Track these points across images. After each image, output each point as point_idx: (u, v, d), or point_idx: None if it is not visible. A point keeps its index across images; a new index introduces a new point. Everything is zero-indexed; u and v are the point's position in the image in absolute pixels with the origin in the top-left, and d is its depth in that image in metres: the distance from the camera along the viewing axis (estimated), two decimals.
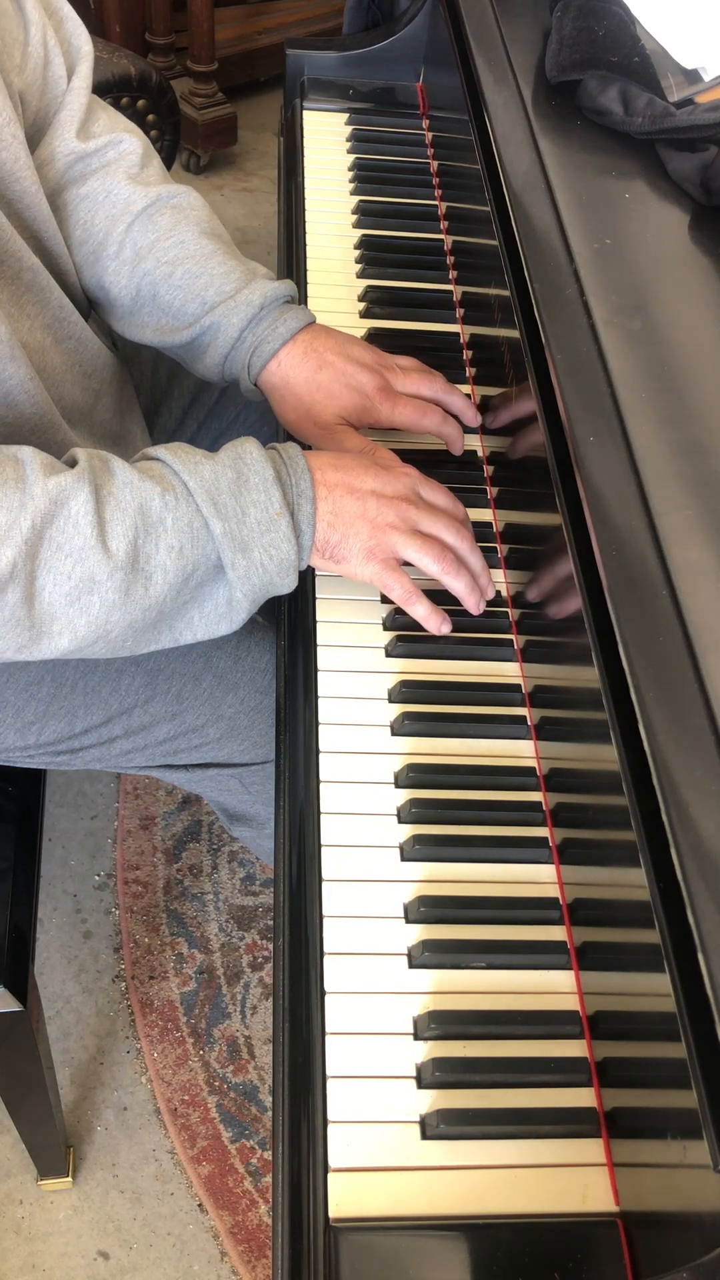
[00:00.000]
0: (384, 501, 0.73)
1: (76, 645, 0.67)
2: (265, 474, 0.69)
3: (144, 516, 0.66)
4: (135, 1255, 1.21)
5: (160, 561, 0.66)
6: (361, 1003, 0.61)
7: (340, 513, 0.72)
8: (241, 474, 0.69)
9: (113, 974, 1.40)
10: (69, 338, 0.83)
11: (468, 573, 0.76)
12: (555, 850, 0.68)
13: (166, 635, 0.71)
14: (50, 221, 0.81)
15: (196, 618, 0.71)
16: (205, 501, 0.67)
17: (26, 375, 0.74)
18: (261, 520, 0.68)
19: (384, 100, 1.23)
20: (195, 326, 0.84)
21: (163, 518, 0.66)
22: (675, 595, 0.57)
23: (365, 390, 0.83)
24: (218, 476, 0.68)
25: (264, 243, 2.36)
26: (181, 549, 0.67)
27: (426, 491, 0.76)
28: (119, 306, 0.88)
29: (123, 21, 2.40)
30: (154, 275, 0.85)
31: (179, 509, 0.67)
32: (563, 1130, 0.58)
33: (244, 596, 0.70)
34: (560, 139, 0.84)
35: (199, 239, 0.85)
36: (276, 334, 0.83)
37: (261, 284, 0.84)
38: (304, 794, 0.70)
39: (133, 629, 0.68)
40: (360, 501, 0.73)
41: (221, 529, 0.67)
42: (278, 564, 0.69)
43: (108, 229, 0.86)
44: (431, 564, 0.74)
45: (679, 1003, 0.48)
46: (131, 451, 0.92)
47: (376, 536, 0.73)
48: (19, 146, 0.76)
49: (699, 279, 0.75)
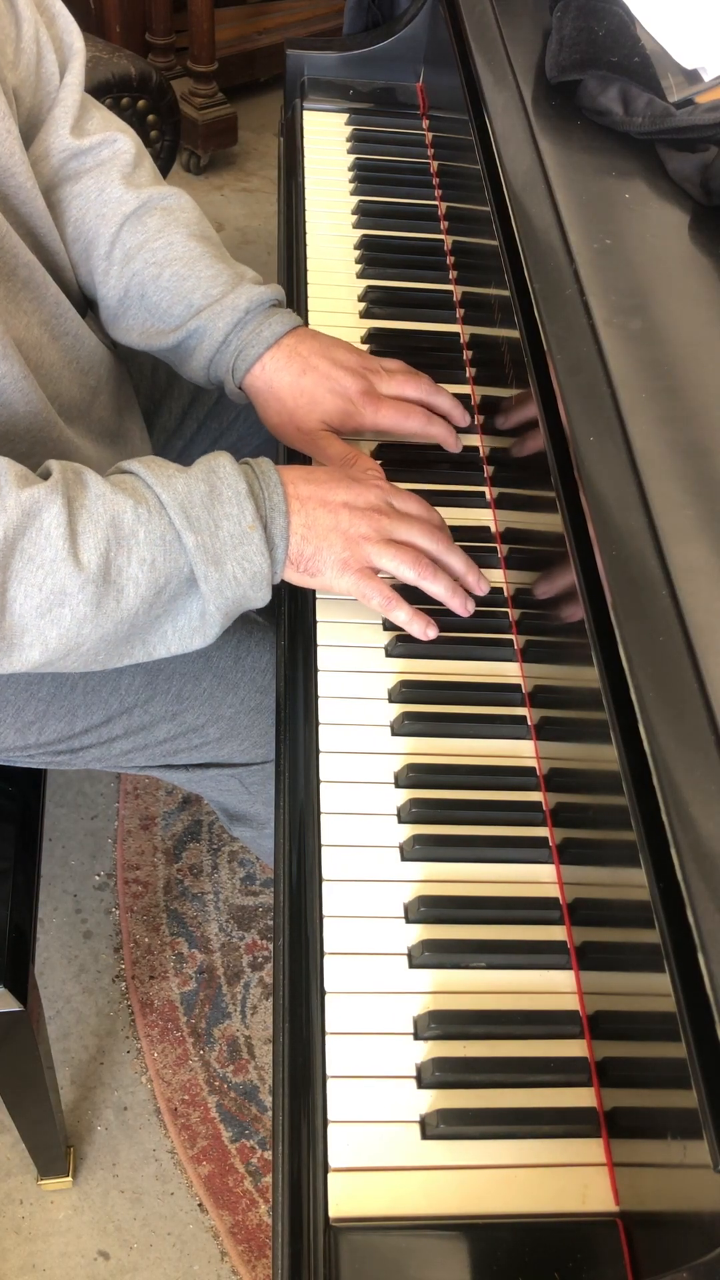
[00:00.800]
0: (356, 513, 0.73)
1: (48, 658, 0.67)
2: (238, 487, 0.69)
3: (116, 529, 0.66)
4: (135, 1255, 1.21)
5: (132, 574, 0.66)
6: (361, 1003, 0.61)
7: (314, 525, 0.72)
8: (214, 487, 0.69)
9: (113, 974, 1.41)
10: (65, 334, 0.83)
11: (445, 576, 0.76)
12: (555, 850, 0.68)
13: (140, 649, 0.71)
14: (46, 218, 0.81)
15: (170, 631, 0.70)
16: (178, 514, 0.67)
17: (20, 373, 0.74)
18: (234, 533, 0.68)
19: (384, 100, 1.23)
20: (181, 330, 0.84)
21: (135, 530, 0.66)
22: (675, 595, 0.57)
23: (349, 394, 0.83)
24: (190, 490, 0.68)
25: (264, 243, 2.36)
26: (154, 562, 0.66)
27: (398, 501, 0.76)
28: (107, 307, 0.89)
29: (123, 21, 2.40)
30: (142, 276, 0.85)
31: (151, 522, 0.67)
32: (563, 1130, 0.58)
33: (217, 610, 0.70)
34: (560, 139, 0.83)
35: (188, 241, 0.86)
36: (261, 338, 0.83)
37: (248, 288, 0.84)
38: (304, 794, 0.70)
39: (105, 642, 0.68)
40: (333, 514, 0.73)
41: (194, 542, 0.67)
42: (250, 577, 0.69)
43: (98, 228, 0.86)
44: (407, 570, 0.74)
45: (679, 1003, 0.48)
46: (130, 450, 0.92)
47: (350, 548, 0.73)
48: (14, 142, 0.76)
49: (699, 279, 0.75)
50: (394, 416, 0.84)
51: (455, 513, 0.85)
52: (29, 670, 0.68)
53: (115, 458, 0.89)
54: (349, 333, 0.97)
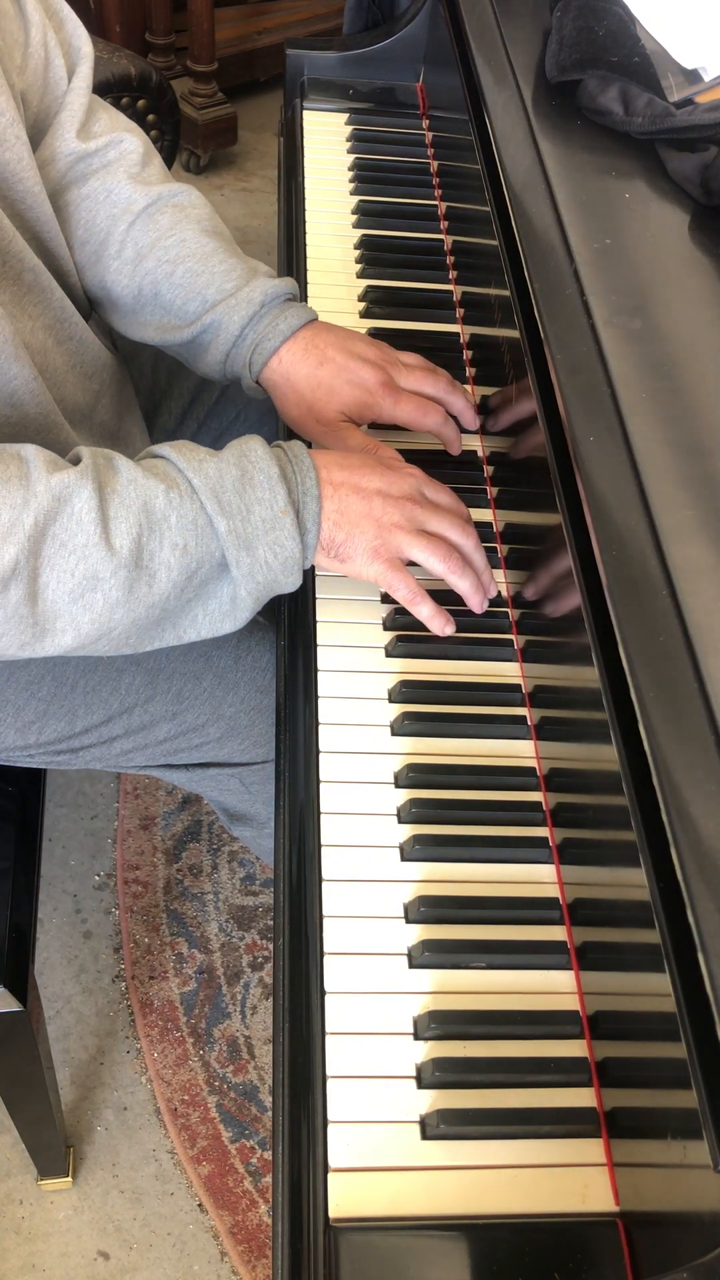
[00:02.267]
0: (389, 501, 0.73)
1: (80, 642, 0.67)
2: (270, 472, 0.69)
3: (148, 514, 0.66)
4: (135, 1255, 1.21)
5: (164, 559, 0.66)
6: (361, 1003, 0.61)
7: (346, 512, 0.72)
8: (246, 471, 0.69)
9: (113, 974, 1.41)
10: (70, 338, 0.83)
11: (473, 572, 0.76)
12: (555, 850, 0.68)
13: (170, 633, 0.71)
14: (52, 222, 0.81)
15: (200, 615, 0.70)
16: (210, 499, 0.67)
17: (30, 375, 0.74)
18: (266, 518, 0.68)
19: (384, 100, 1.23)
20: (196, 325, 0.84)
21: (167, 515, 0.66)
22: (675, 595, 0.57)
23: (367, 385, 0.83)
24: (222, 474, 0.68)
25: (264, 243, 2.36)
26: (186, 546, 0.67)
27: (430, 491, 0.76)
28: (121, 306, 0.88)
29: (123, 21, 2.40)
30: (155, 274, 0.85)
31: (183, 506, 0.67)
32: (563, 1130, 0.58)
33: (248, 594, 0.70)
34: (560, 139, 0.83)
35: (200, 237, 0.86)
36: (277, 331, 0.83)
37: (263, 281, 0.84)
38: (304, 794, 0.70)
39: (136, 626, 0.68)
40: (366, 501, 0.73)
41: (226, 526, 0.67)
42: (282, 562, 0.69)
43: (109, 228, 0.86)
44: (438, 563, 0.74)
45: (679, 1003, 0.48)
46: (131, 451, 0.92)
47: (382, 536, 0.73)
48: (22, 147, 0.76)
49: (699, 279, 0.75)
50: (413, 411, 0.84)
51: None
52: (61, 654, 0.68)
53: None
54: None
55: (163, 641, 0.71)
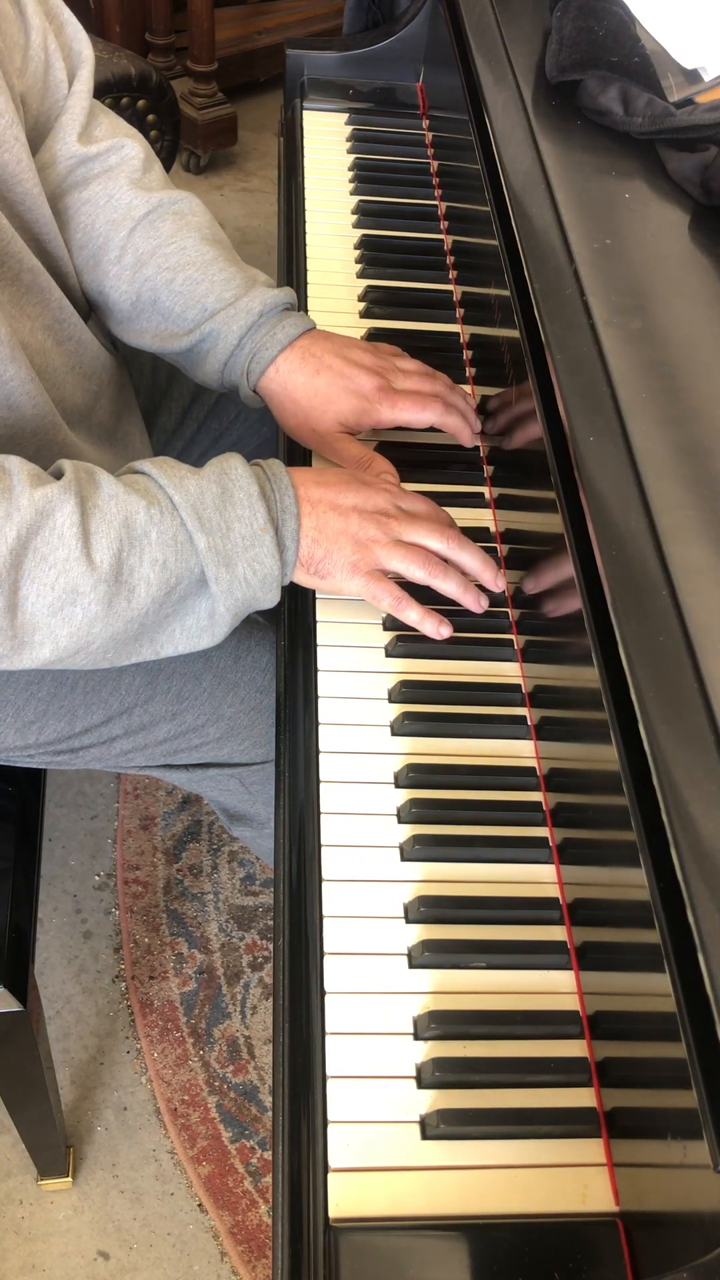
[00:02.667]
0: (366, 517, 0.74)
1: (58, 656, 0.67)
2: (250, 489, 0.70)
3: (129, 529, 0.66)
4: (135, 1255, 1.21)
5: (144, 574, 0.66)
6: (361, 1003, 0.61)
7: (324, 529, 0.72)
8: (226, 489, 0.69)
9: (113, 974, 1.41)
10: (69, 339, 0.83)
11: (456, 573, 0.76)
12: (555, 850, 0.68)
13: (148, 648, 0.71)
14: (51, 224, 0.81)
15: (178, 631, 0.71)
16: (190, 516, 0.68)
17: (27, 376, 0.74)
18: (246, 535, 0.69)
19: (384, 100, 1.23)
20: (195, 333, 0.84)
21: (147, 531, 0.67)
22: (675, 595, 0.57)
23: (364, 392, 0.83)
24: (203, 491, 0.69)
25: (264, 243, 2.36)
26: (165, 562, 0.67)
27: (407, 504, 0.77)
28: (118, 311, 0.88)
29: (123, 21, 2.40)
30: (155, 281, 0.85)
31: (164, 522, 0.67)
32: (563, 1130, 0.58)
33: (226, 610, 0.70)
34: (560, 139, 0.83)
35: (200, 245, 0.86)
36: (275, 340, 0.83)
37: (261, 291, 0.84)
38: (304, 794, 0.70)
39: (114, 640, 0.68)
40: (343, 518, 0.73)
41: (206, 543, 0.67)
42: (261, 579, 0.70)
43: (109, 234, 0.86)
44: (417, 570, 0.74)
45: (679, 1003, 0.48)
46: (130, 452, 0.92)
47: (360, 551, 0.73)
48: (21, 149, 0.76)
49: (699, 279, 0.75)
50: (411, 408, 0.84)
51: (455, 512, 0.84)
52: (38, 668, 0.69)
53: (115, 460, 0.89)
54: (349, 333, 0.96)
55: (140, 656, 0.72)
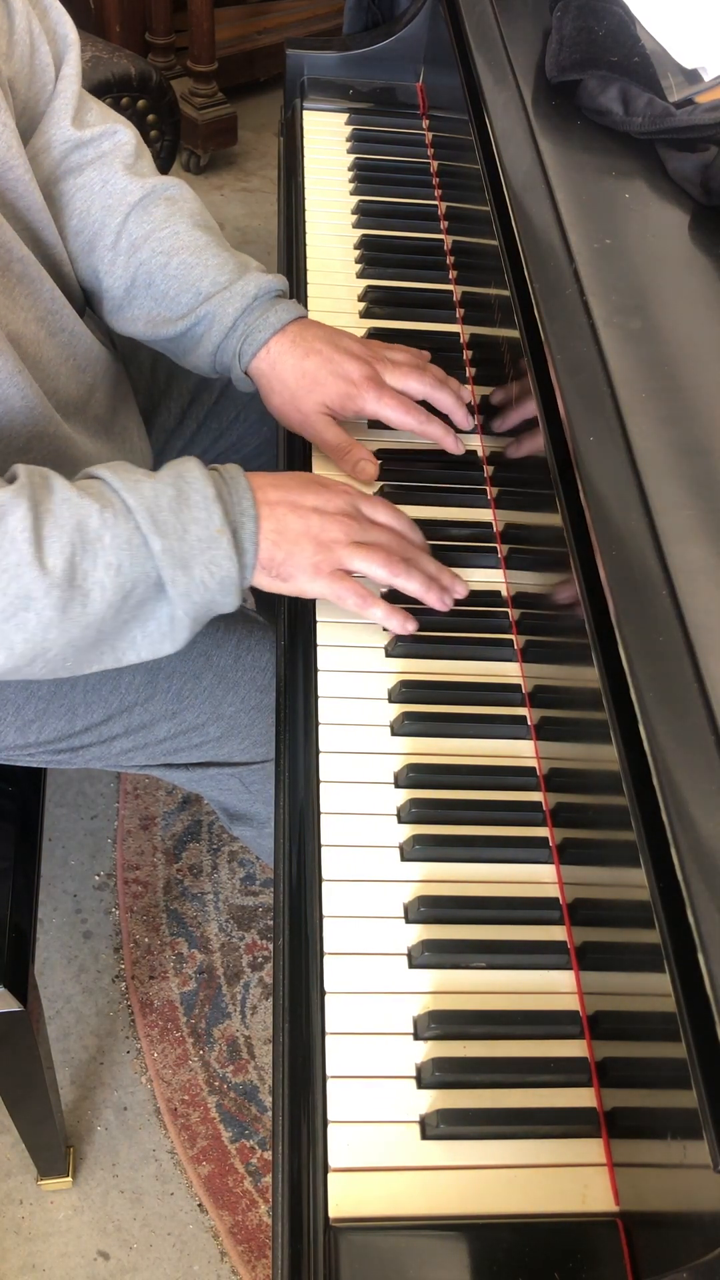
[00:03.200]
0: (326, 517, 0.73)
1: (14, 663, 0.67)
2: (206, 492, 0.69)
3: (82, 533, 0.65)
4: (135, 1255, 1.21)
5: (98, 579, 0.66)
6: (361, 1003, 0.61)
7: (284, 531, 0.72)
8: (182, 491, 0.69)
9: (113, 974, 1.41)
10: (62, 330, 0.83)
11: (419, 572, 0.75)
12: (555, 850, 0.68)
13: (109, 655, 0.70)
14: (44, 212, 0.81)
15: (139, 636, 0.70)
16: (145, 519, 0.67)
17: (14, 368, 0.74)
18: (202, 538, 0.68)
19: (384, 100, 1.23)
20: (190, 317, 0.85)
21: (100, 535, 0.66)
22: (675, 595, 0.57)
23: (352, 378, 0.83)
24: (158, 494, 0.68)
25: (264, 243, 2.36)
26: (120, 566, 0.66)
27: (366, 506, 0.76)
28: (111, 297, 0.89)
29: (123, 21, 2.40)
30: (150, 265, 0.86)
31: (118, 526, 0.66)
32: (563, 1130, 0.58)
33: (185, 615, 0.69)
34: (560, 139, 0.83)
35: (193, 230, 0.87)
36: (268, 323, 0.84)
37: (255, 276, 0.85)
38: (304, 794, 0.70)
39: (72, 647, 0.68)
40: (303, 519, 0.73)
41: (161, 546, 0.67)
42: (219, 582, 0.69)
43: (104, 219, 0.87)
44: (379, 569, 0.74)
45: (679, 1003, 0.48)
46: (128, 446, 0.93)
47: (322, 552, 0.73)
48: (11, 135, 0.76)
49: (699, 279, 0.75)
50: (396, 409, 0.84)
51: (455, 512, 0.85)
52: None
53: (113, 453, 0.89)
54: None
55: (101, 664, 0.71)
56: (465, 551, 0.82)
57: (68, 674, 0.71)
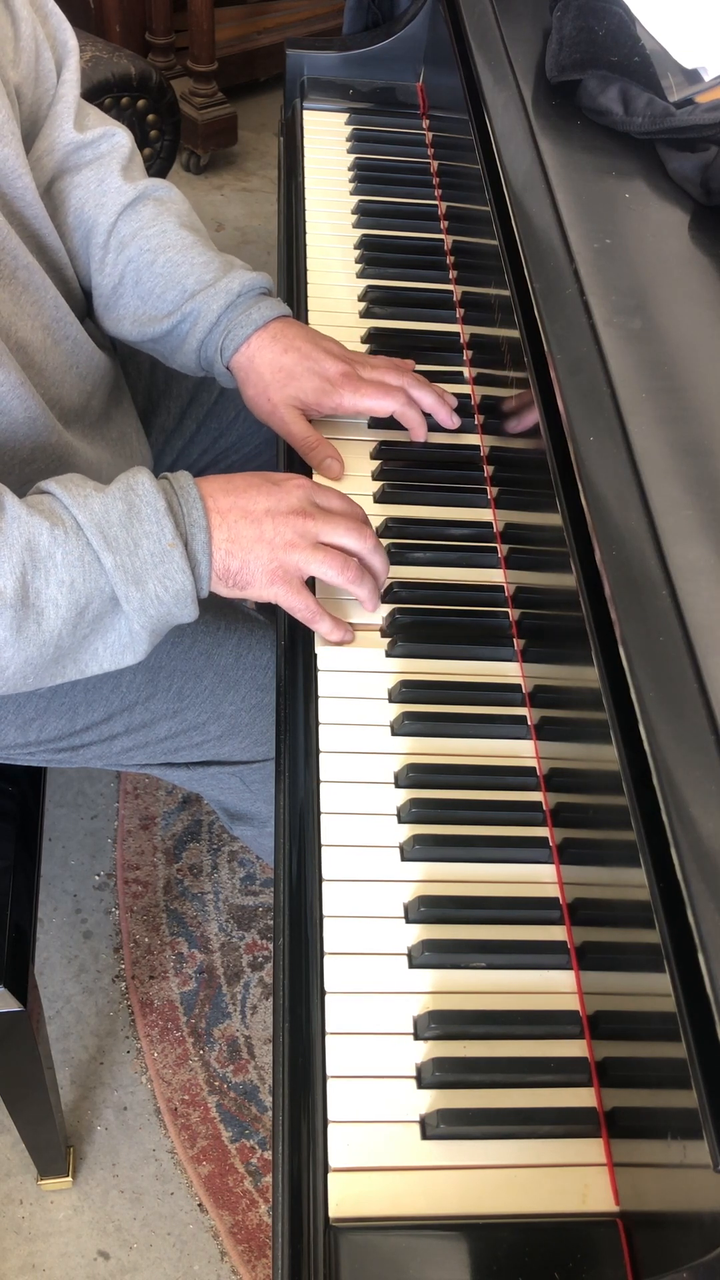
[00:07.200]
0: (280, 519, 0.72)
1: None
2: (157, 505, 0.68)
3: (32, 552, 0.65)
4: (135, 1255, 1.21)
5: (51, 596, 0.65)
6: (361, 1003, 0.61)
7: (237, 539, 0.71)
8: (133, 505, 0.68)
9: (113, 974, 1.41)
10: (66, 338, 0.83)
11: (370, 579, 0.75)
12: (555, 850, 0.68)
13: (72, 668, 0.70)
14: (47, 220, 0.82)
15: (100, 648, 0.70)
16: (95, 535, 0.66)
17: (17, 379, 0.74)
18: (155, 552, 0.68)
19: (384, 100, 1.23)
20: (175, 314, 0.86)
21: (51, 552, 0.65)
22: (675, 595, 0.57)
23: (328, 375, 0.84)
24: (108, 509, 0.68)
25: (264, 243, 2.36)
26: (73, 583, 0.66)
27: (321, 499, 0.76)
28: (100, 295, 0.90)
29: (123, 21, 2.40)
30: (137, 262, 0.87)
31: (69, 543, 0.66)
32: (563, 1130, 0.58)
33: (142, 628, 0.69)
34: (560, 139, 0.84)
35: (179, 230, 0.88)
36: (250, 319, 0.85)
37: (240, 274, 0.86)
38: (304, 793, 0.70)
39: (30, 665, 0.67)
40: (256, 525, 0.72)
41: (113, 562, 0.66)
42: (174, 595, 0.69)
43: (96, 217, 0.88)
44: (335, 575, 0.74)
45: (679, 1003, 0.48)
46: (127, 450, 0.93)
47: (277, 558, 0.72)
48: (16, 144, 0.76)
49: (699, 279, 0.75)
50: (376, 395, 0.85)
51: (455, 512, 0.85)
52: None
53: (113, 459, 0.89)
54: (349, 332, 0.97)
55: (65, 677, 0.71)
56: (465, 551, 0.82)
57: (29, 688, 0.70)
